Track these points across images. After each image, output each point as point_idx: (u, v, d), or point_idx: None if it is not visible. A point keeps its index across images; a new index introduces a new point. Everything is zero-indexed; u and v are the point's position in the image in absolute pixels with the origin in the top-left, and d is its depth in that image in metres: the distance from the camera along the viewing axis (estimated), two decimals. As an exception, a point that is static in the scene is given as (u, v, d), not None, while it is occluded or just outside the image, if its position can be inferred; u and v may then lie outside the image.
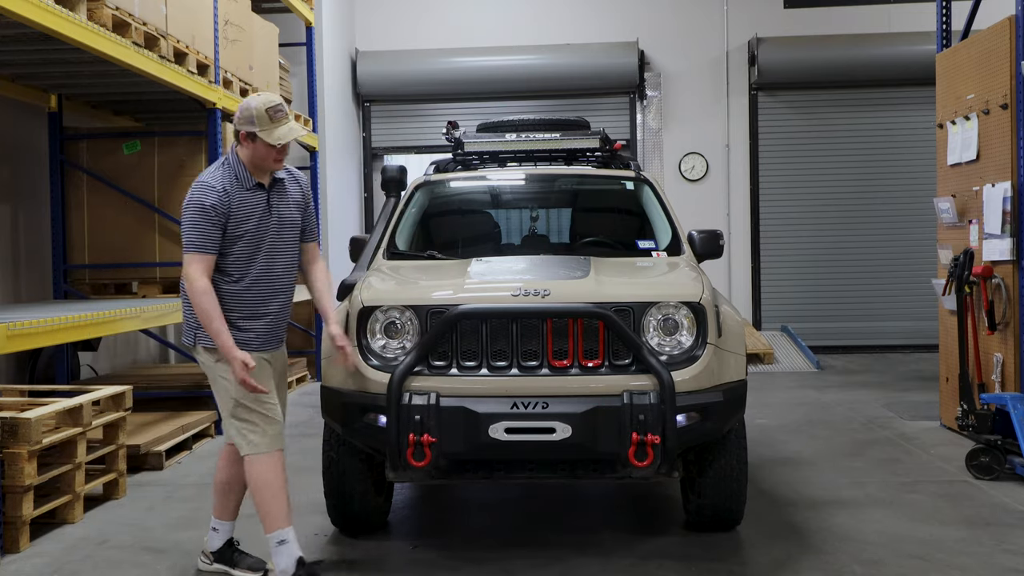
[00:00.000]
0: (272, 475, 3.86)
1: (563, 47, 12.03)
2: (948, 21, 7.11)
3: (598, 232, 5.56)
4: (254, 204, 3.93)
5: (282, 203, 4.04)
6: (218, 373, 3.88)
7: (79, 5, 5.31)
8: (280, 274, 4.02)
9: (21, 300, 7.35)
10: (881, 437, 6.71)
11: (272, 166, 3.94)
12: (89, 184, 7.52)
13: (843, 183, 12.01)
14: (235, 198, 3.88)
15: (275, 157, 3.91)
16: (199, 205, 3.82)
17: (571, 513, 5.00)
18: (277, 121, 3.85)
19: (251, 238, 3.91)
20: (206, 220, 3.81)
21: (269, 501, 3.86)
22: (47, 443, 4.64)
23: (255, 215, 3.93)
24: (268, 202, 3.97)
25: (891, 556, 4.20)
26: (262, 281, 3.95)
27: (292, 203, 4.09)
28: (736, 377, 4.14)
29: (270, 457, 3.87)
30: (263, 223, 3.95)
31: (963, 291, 6.18)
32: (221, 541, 4.15)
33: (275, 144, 3.85)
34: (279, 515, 3.86)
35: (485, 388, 3.93)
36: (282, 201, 4.04)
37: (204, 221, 3.81)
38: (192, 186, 3.92)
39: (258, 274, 3.94)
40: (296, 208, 4.10)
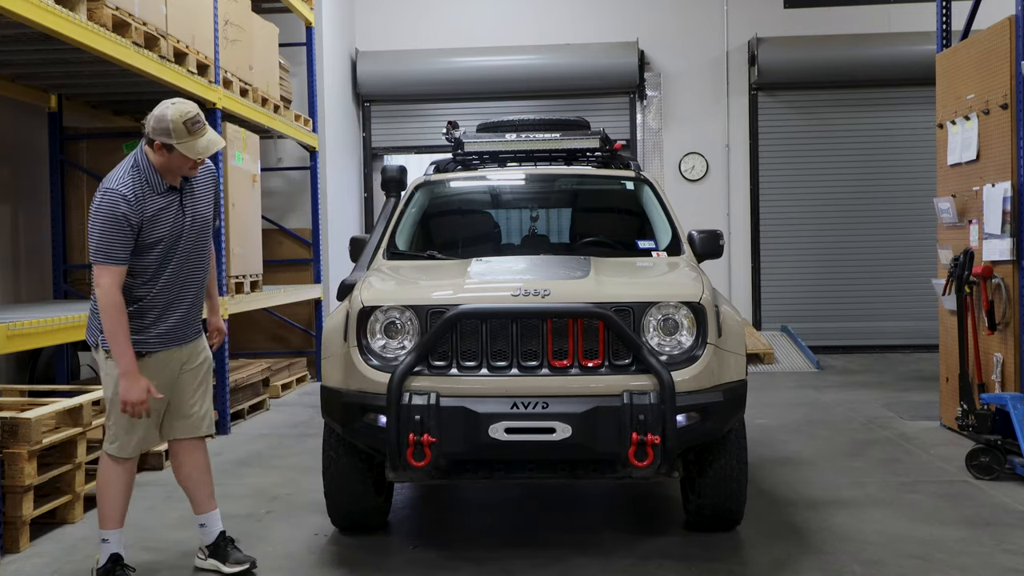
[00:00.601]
0: (118, 479, 3.97)
1: (563, 47, 12.03)
2: (948, 21, 7.11)
3: (598, 232, 5.56)
4: (167, 208, 3.85)
5: (194, 200, 3.98)
6: (109, 372, 3.87)
7: (79, 5, 5.31)
8: (192, 270, 4.01)
9: (21, 300, 7.36)
10: (881, 437, 6.71)
11: (188, 174, 3.87)
12: (89, 184, 7.52)
13: (843, 183, 12.01)
14: (147, 205, 3.78)
15: (191, 166, 3.84)
16: (110, 215, 3.70)
17: (571, 513, 5.00)
18: (195, 133, 3.77)
19: (165, 243, 3.86)
20: (118, 230, 3.71)
21: (107, 502, 3.98)
22: (47, 443, 4.64)
23: (168, 219, 3.86)
24: (180, 203, 3.91)
25: (891, 556, 4.20)
26: (175, 280, 3.93)
27: (203, 197, 4.03)
28: (736, 377, 4.14)
29: (123, 463, 3.97)
30: (176, 225, 3.89)
31: (963, 291, 6.18)
32: (213, 535, 4.17)
33: (196, 159, 3.80)
34: (111, 517, 3.98)
35: (485, 388, 3.93)
36: (194, 198, 3.98)
37: (116, 231, 3.71)
38: (99, 192, 3.79)
39: (171, 274, 3.91)
40: (208, 202, 4.06)
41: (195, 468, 4.16)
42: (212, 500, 4.21)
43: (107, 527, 3.97)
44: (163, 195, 3.85)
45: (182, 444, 4.13)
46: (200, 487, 4.18)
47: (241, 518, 4.90)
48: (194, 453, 4.15)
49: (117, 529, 3.99)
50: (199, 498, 4.19)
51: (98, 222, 3.73)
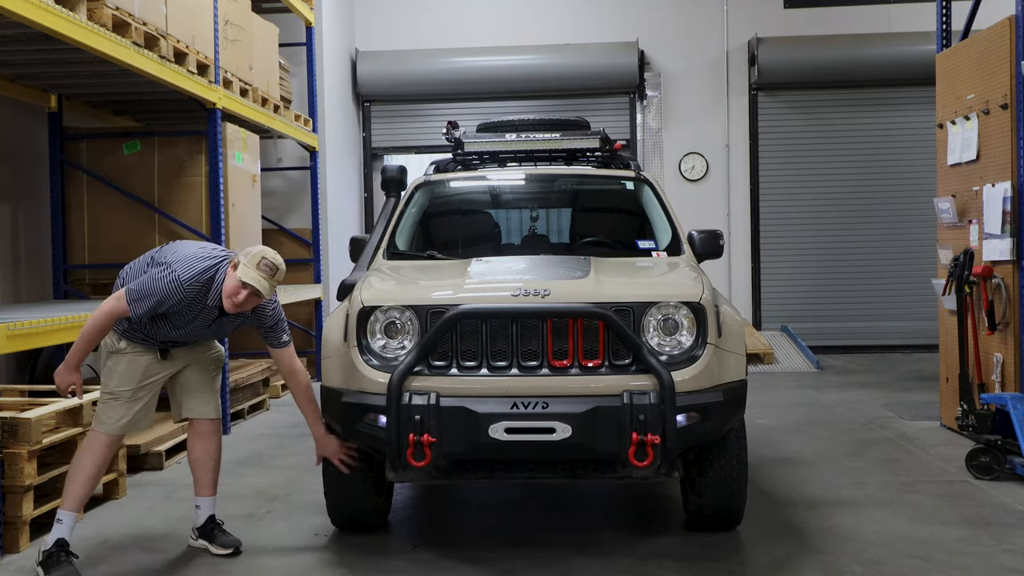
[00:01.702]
0: (93, 456, 4.14)
1: (563, 47, 12.03)
2: (948, 21, 7.11)
3: (598, 232, 5.55)
4: (201, 315, 4.12)
5: (231, 323, 4.25)
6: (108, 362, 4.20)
7: (79, 5, 5.31)
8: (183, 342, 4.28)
9: (21, 300, 7.35)
10: (881, 437, 6.71)
11: (227, 305, 4.02)
12: (89, 184, 7.52)
13: (843, 183, 12.01)
14: (189, 305, 4.05)
15: (234, 300, 3.99)
16: (163, 294, 3.95)
17: (571, 513, 5.00)
18: (260, 271, 4.00)
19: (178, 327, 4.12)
20: (155, 300, 3.96)
21: (75, 479, 4.12)
22: (47, 443, 4.64)
23: (194, 322, 4.13)
24: (215, 320, 4.17)
25: (891, 556, 4.19)
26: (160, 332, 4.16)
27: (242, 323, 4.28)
28: (736, 377, 4.14)
29: (104, 438, 4.15)
30: (197, 328, 4.17)
31: (963, 291, 6.18)
32: (204, 517, 4.41)
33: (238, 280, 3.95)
34: (74, 496, 4.10)
35: (485, 388, 3.92)
36: (232, 322, 4.25)
37: (153, 303, 3.96)
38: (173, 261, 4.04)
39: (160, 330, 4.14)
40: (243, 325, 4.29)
41: (205, 452, 4.40)
42: (212, 487, 4.43)
43: (66, 507, 4.09)
44: (208, 308, 4.11)
45: (199, 427, 4.39)
46: (205, 471, 4.42)
47: (241, 518, 4.90)
48: (207, 439, 4.40)
49: (73, 513, 4.10)
50: (202, 480, 4.43)
51: (150, 287, 3.97)
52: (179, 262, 4.03)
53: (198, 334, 4.24)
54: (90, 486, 4.17)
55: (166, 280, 3.96)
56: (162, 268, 4.02)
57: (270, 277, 4.02)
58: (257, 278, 3.98)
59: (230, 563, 4.27)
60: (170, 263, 4.04)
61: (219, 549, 4.35)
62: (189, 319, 4.10)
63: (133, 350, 4.17)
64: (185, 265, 4.02)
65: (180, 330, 4.14)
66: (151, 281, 3.98)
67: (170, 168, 7.49)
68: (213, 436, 4.42)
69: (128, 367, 4.17)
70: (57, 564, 3.99)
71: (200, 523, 4.43)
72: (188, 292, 3.99)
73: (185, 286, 3.98)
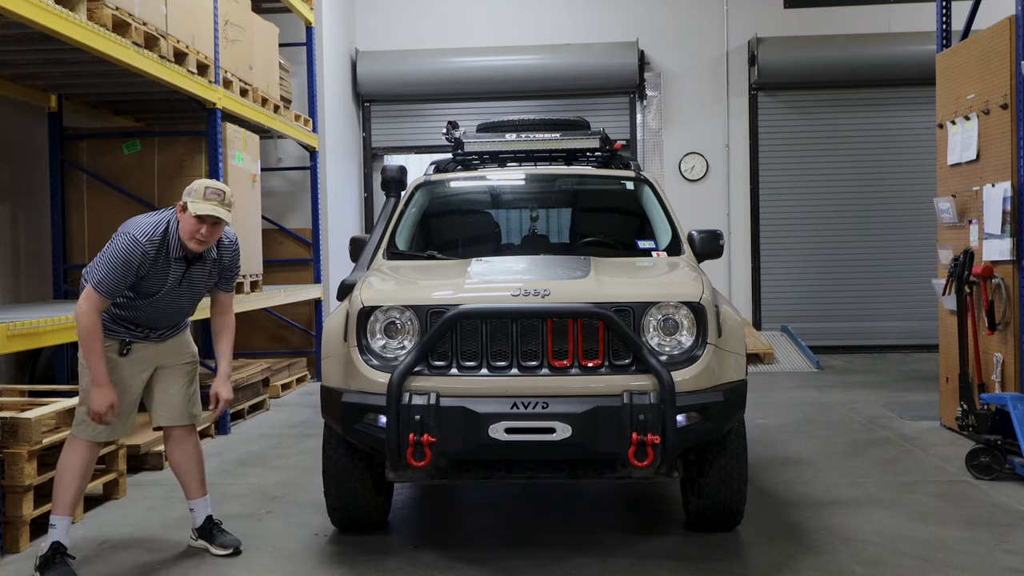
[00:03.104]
0: (77, 463, 4.13)
1: (563, 47, 12.03)
2: (948, 21, 7.11)
3: (598, 232, 5.56)
4: (170, 273, 4.10)
5: (198, 275, 4.21)
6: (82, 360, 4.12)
7: (79, 5, 5.31)
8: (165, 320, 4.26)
9: (21, 300, 7.36)
10: (881, 437, 6.71)
11: (192, 244, 4.04)
12: (89, 184, 7.53)
13: (843, 183, 12.02)
14: (156, 263, 4.04)
15: (197, 238, 4.01)
16: (124, 258, 3.94)
17: (571, 513, 5.00)
18: (209, 200, 4.00)
19: (153, 294, 4.12)
20: (123, 273, 3.95)
21: (60, 486, 4.10)
22: (47, 443, 4.64)
23: (167, 282, 4.11)
24: (184, 274, 4.15)
25: (891, 556, 4.20)
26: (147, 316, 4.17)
27: (207, 275, 4.26)
28: (736, 377, 4.14)
29: (84, 446, 4.14)
30: (171, 288, 4.14)
31: (963, 291, 6.18)
32: (201, 518, 4.43)
33: (195, 214, 3.97)
34: (64, 502, 4.09)
35: (485, 388, 3.92)
36: (199, 273, 4.21)
37: (120, 273, 3.95)
38: (124, 230, 4.03)
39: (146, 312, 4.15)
40: (207, 280, 4.28)
41: (184, 457, 4.40)
42: (201, 488, 4.44)
43: (57, 512, 4.09)
44: (174, 261, 4.09)
45: (172, 433, 4.38)
46: (189, 475, 4.42)
47: (241, 518, 4.90)
48: (183, 442, 4.39)
49: (67, 516, 4.10)
50: (188, 485, 4.44)
51: (109, 257, 3.96)
52: (128, 227, 4.06)
53: (176, 299, 4.18)
54: (78, 489, 4.15)
55: (122, 244, 3.96)
56: (116, 239, 4.03)
57: (221, 202, 4.03)
58: (210, 207, 3.98)
59: (230, 563, 4.27)
60: (123, 231, 4.05)
61: (219, 549, 4.36)
62: (161, 281, 4.08)
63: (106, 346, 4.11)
64: (134, 226, 4.05)
65: (159, 301, 4.12)
66: (109, 253, 3.97)
67: (170, 168, 7.49)
68: (188, 439, 4.38)
69: None
70: (53, 566, 4.00)
71: (199, 524, 4.43)
72: (148, 247, 3.97)
73: (143, 240, 3.97)
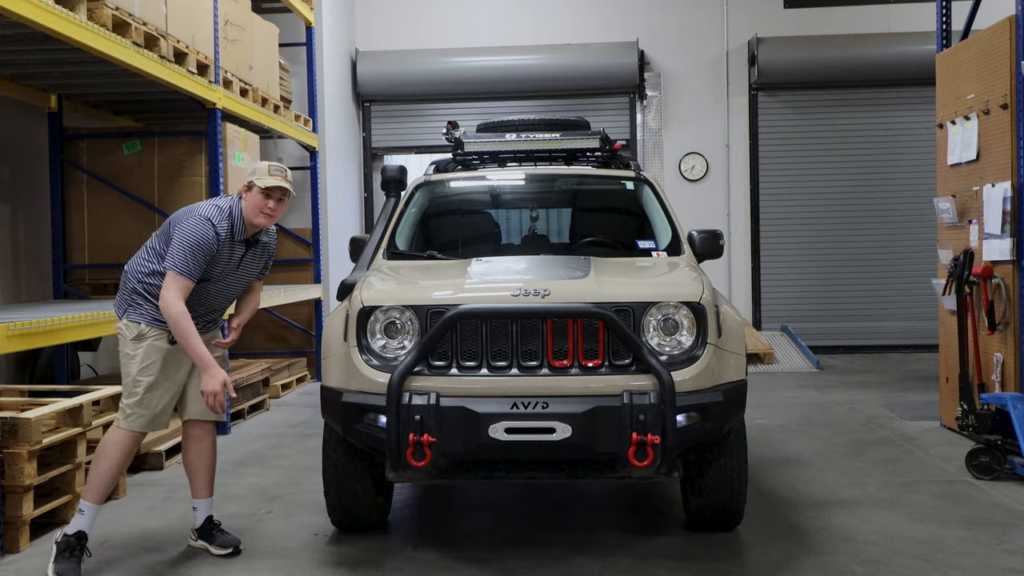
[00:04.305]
0: (117, 453, 4.15)
1: (563, 47, 12.04)
2: (948, 21, 7.11)
3: (598, 232, 5.55)
4: (231, 257, 4.27)
5: (251, 262, 4.42)
6: (127, 350, 4.19)
7: (79, 5, 5.31)
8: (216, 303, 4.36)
9: (21, 300, 7.36)
10: (881, 437, 6.71)
11: (260, 219, 4.22)
12: (89, 184, 7.53)
13: (843, 183, 12.02)
14: (223, 245, 4.19)
15: (265, 211, 4.21)
16: (202, 238, 4.08)
17: (571, 513, 5.00)
18: (274, 176, 4.22)
19: (211, 280, 4.24)
20: (202, 254, 4.09)
21: (99, 472, 4.12)
22: (47, 443, 4.64)
23: (226, 266, 4.27)
24: (242, 258, 4.33)
25: (891, 556, 4.20)
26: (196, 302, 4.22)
27: (257, 263, 4.48)
28: (736, 377, 4.14)
29: (127, 435, 4.17)
30: (227, 274, 4.30)
31: (963, 291, 6.18)
32: (202, 518, 4.43)
33: (262, 186, 4.17)
34: (97, 489, 4.12)
35: (485, 388, 3.92)
36: (252, 260, 4.42)
37: (200, 254, 4.08)
38: (194, 213, 4.16)
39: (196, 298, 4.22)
40: (256, 268, 4.49)
41: (199, 455, 4.44)
42: (209, 488, 4.46)
43: (88, 499, 4.11)
44: (236, 244, 4.27)
45: (193, 428, 4.41)
46: (200, 472, 4.45)
47: (241, 518, 4.90)
48: (202, 440, 4.43)
49: (97, 505, 4.12)
50: (197, 483, 4.45)
51: (187, 240, 4.07)
52: (200, 209, 4.19)
53: (229, 285, 4.35)
54: (113, 479, 4.17)
55: (195, 226, 4.08)
56: (186, 222, 4.12)
57: (285, 177, 4.25)
58: (278, 181, 4.20)
59: (230, 563, 4.27)
60: (190, 215, 4.16)
61: (219, 549, 4.36)
62: (224, 265, 4.23)
63: (153, 335, 4.17)
64: (206, 208, 4.19)
65: (214, 286, 4.25)
66: (185, 237, 4.06)
67: (170, 168, 7.49)
68: (206, 438, 4.44)
69: (148, 352, 4.16)
70: (71, 556, 4.01)
71: (199, 524, 4.44)
72: (220, 229, 4.13)
73: (216, 222, 4.12)
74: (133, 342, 4.17)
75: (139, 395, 4.14)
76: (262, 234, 4.42)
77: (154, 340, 4.17)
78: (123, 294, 4.28)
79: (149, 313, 4.18)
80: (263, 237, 4.44)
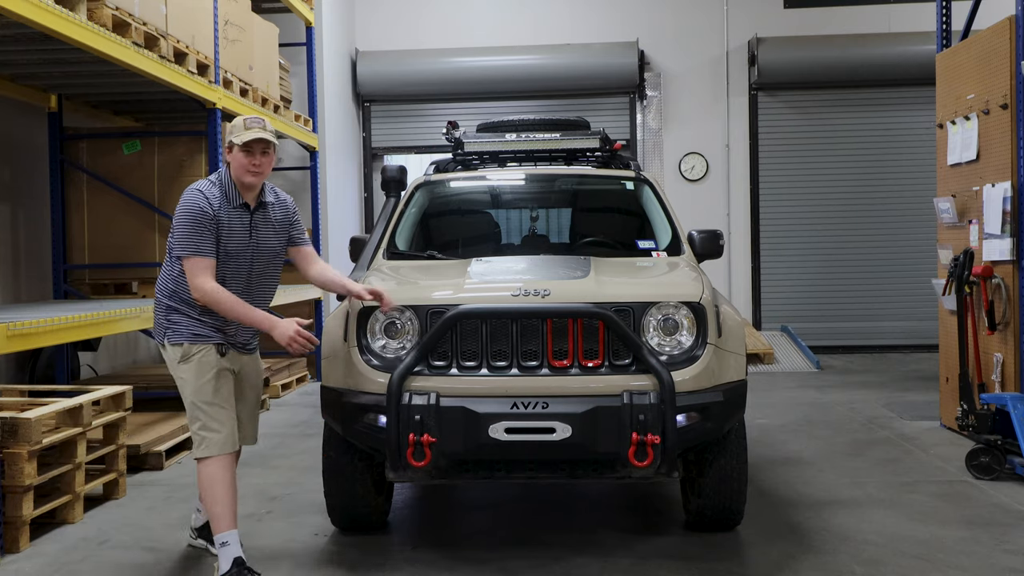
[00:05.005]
0: (219, 479, 3.91)
1: (563, 47, 12.04)
2: (948, 21, 7.11)
3: (598, 232, 5.56)
4: (239, 224, 3.99)
5: (264, 228, 4.09)
6: (179, 373, 3.97)
7: (79, 5, 5.31)
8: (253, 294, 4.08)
9: (21, 300, 7.36)
10: (881, 437, 6.71)
11: (247, 177, 3.95)
12: (89, 184, 7.52)
13: (843, 183, 12.02)
14: (222, 214, 3.94)
15: (248, 168, 3.93)
16: (194, 208, 3.88)
17: (571, 513, 5.00)
18: (251, 129, 3.95)
19: (232, 258, 3.97)
20: (200, 224, 3.87)
21: (214, 504, 3.91)
22: (47, 443, 4.64)
23: (238, 236, 3.99)
24: (251, 225, 4.03)
25: (891, 556, 4.20)
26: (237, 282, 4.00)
27: (273, 229, 4.13)
28: (736, 377, 4.14)
29: (219, 460, 3.91)
30: (246, 247, 4.01)
31: (963, 291, 6.18)
32: (203, 520, 4.34)
33: (240, 142, 3.91)
34: (223, 518, 3.90)
35: (485, 388, 3.92)
36: (265, 226, 4.10)
37: (198, 225, 3.87)
38: (184, 194, 3.98)
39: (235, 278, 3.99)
40: (277, 235, 4.15)
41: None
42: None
43: (221, 530, 3.90)
44: (237, 209, 3.99)
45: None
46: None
47: (241, 518, 4.87)
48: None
49: (232, 530, 3.91)
50: None
51: (181, 217, 3.89)
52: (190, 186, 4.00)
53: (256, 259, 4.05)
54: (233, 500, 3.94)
55: (189, 200, 3.90)
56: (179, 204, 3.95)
57: (264, 128, 4.00)
58: (256, 133, 3.94)
59: (230, 563, 4.26)
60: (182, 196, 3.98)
61: None
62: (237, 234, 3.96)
63: (198, 352, 3.94)
64: (196, 183, 4.00)
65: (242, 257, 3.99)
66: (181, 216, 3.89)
67: (170, 168, 7.49)
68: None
69: (198, 370, 3.93)
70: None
71: (198, 524, 4.42)
72: (208, 196, 3.91)
73: (206, 191, 3.92)
74: (181, 365, 3.95)
75: (201, 419, 3.91)
76: (265, 195, 4.10)
77: (201, 356, 3.94)
78: (158, 318, 4.06)
79: (187, 328, 3.95)
80: (267, 198, 4.11)
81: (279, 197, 4.23)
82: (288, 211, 4.23)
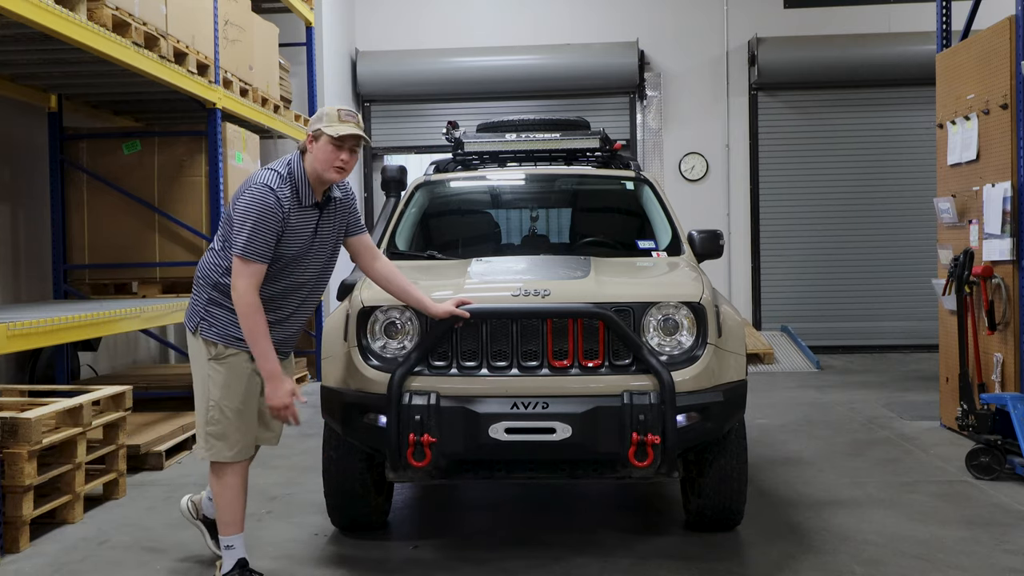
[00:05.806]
0: (230, 484, 3.84)
1: (563, 47, 12.04)
2: (948, 21, 7.11)
3: (598, 232, 5.56)
4: (305, 225, 3.74)
5: (328, 225, 3.86)
6: (206, 370, 3.78)
7: (79, 5, 5.31)
8: (304, 293, 3.89)
9: (21, 300, 7.35)
10: (881, 437, 6.71)
11: (331, 174, 3.70)
12: (89, 184, 7.52)
13: (843, 183, 12.02)
14: (290, 214, 3.68)
15: (336, 165, 3.69)
16: (264, 209, 3.59)
17: (571, 513, 5.00)
18: (345, 122, 3.70)
19: (291, 259, 3.75)
20: (268, 225, 3.60)
21: (224, 508, 3.88)
22: (47, 443, 4.64)
23: (303, 237, 3.75)
24: (317, 224, 3.80)
25: (891, 556, 4.20)
26: (285, 298, 3.82)
27: (336, 223, 3.91)
28: (736, 377, 4.14)
29: (232, 466, 3.83)
30: (307, 247, 3.78)
31: (963, 291, 6.18)
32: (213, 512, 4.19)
33: (335, 135, 3.64)
34: (231, 523, 3.88)
35: (485, 388, 3.92)
36: (329, 223, 3.86)
37: (265, 226, 3.59)
38: (249, 185, 3.68)
39: (283, 290, 3.80)
40: (334, 232, 3.91)
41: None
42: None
43: (227, 533, 3.88)
44: (306, 209, 3.74)
45: None
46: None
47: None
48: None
49: (238, 534, 3.88)
50: None
51: (248, 213, 3.59)
52: (258, 176, 3.69)
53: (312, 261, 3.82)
54: (243, 505, 3.89)
55: (255, 196, 3.60)
56: (244, 196, 3.65)
57: (357, 123, 3.73)
58: (351, 128, 3.67)
59: (230, 563, 4.26)
60: (248, 186, 3.67)
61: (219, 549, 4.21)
62: (300, 235, 3.71)
63: (233, 355, 3.75)
64: (264, 175, 3.69)
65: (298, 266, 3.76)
66: (246, 213, 3.59)
67: (170, 168, 7.48)
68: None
69: (230, 375, 3.75)
70: None
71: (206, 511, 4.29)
72: (281, 195, 3.62)
73: (276, 187, 3.62)
74: (212, 362, 3.75)
75: (221, 424, 3.75)
76: (332, 189, 3.82)
77: (234, 360, 3.74)
78: (196, 303, 3.82)
79: (225, 329, 3.73)
80: (334, 192, 3.84)
81: (345, 191, 3.96)
82: (349, 203, 3.96)
